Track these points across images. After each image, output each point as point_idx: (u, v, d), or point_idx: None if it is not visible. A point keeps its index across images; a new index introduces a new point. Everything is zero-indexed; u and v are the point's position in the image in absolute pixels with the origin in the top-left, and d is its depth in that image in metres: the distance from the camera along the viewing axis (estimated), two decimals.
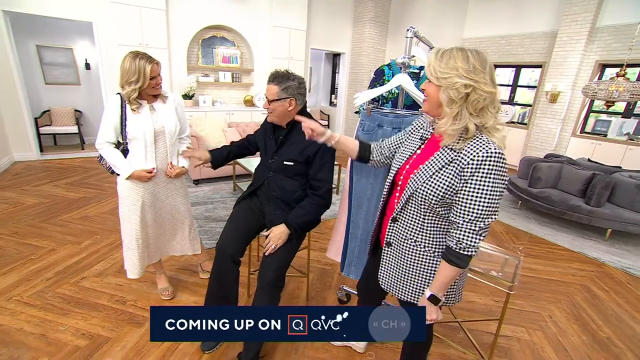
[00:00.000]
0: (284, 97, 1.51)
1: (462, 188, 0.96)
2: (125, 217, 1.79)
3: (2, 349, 1.61)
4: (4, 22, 4.23)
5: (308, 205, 1.58)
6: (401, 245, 1.13)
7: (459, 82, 0.91)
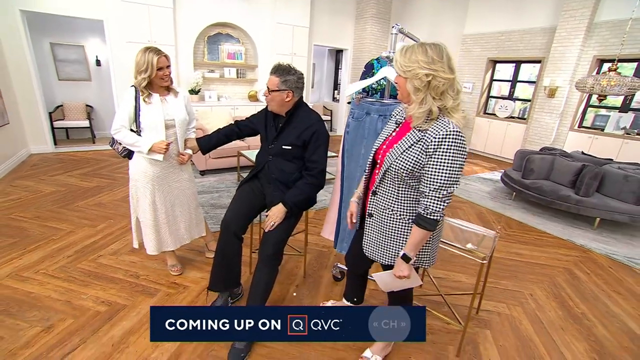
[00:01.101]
0: (283, 88, 1.68)
1: (427, 162, 1.13)
2: (136, 197, 1.99)
3: (34, 312, 1.83)
4: (21, 21, 4.45)
5: (302, 185, 1.75)
6: (381, 215, 1.30)
7: (421, 72, 1.08)
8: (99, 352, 1.60)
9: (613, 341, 1.94)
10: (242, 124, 1.98)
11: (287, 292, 2.16)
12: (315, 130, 1.73)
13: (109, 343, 1.66)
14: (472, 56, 6.87)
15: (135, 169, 1.93)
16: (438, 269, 2.56)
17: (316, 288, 2.23)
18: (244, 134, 1.98)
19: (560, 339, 1.92)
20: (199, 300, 2.01)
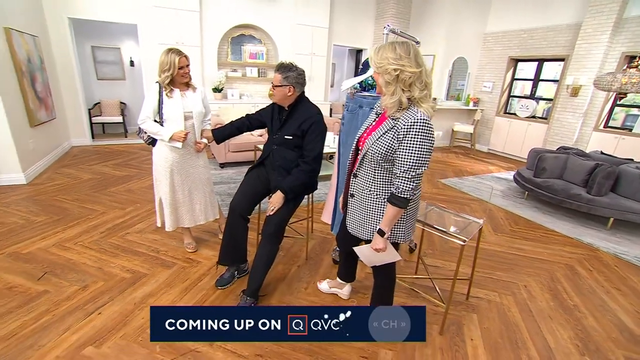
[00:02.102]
0: (284, 84, 1.87)
1: (399, 147, 1.28)
2: (158, 180, 2.26)
3: (73, 274, 2.15)
4: (68, 28, 4.96)
5: (297, 172, 1.94)
6: (360, 195, 1.46)
7: (389, 67, 1.23)
8: (123, 308, 1.88)
9: (601, 332, 1.98)
10: (252, 117, 2.19)
11: (290, 271, 2.36)
12: (314, 122, 1.91)
13: (131, 302, 1.93)
14: (492, 55, 6.78)
15: (157, 155, 2.20)
16: (437, 259, 2.66)
17: (316, 269, 2.41)
18: (253, 127, 2.19)
19: (547, 326, 1.99)
20: (210, 274, 2.25)
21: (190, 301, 1.98)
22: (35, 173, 3.95)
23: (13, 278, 2.09)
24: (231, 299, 2.02)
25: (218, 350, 1.62)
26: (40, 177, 3.92)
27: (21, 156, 3.66)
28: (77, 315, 1.81)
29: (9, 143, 3.52)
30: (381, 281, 1.72)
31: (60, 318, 1.78)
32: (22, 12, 4.11)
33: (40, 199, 3.31)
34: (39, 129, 4.21)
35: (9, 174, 3.61)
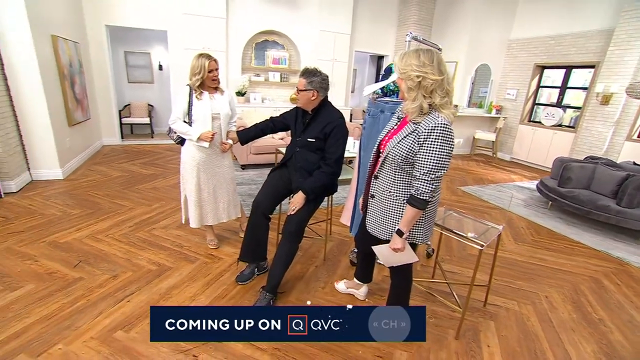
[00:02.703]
0: (309, 88, 1.95)
1: (419, 150, 1.31)
2: (185, 178, 2.38)
3: (105, 264, 2.29)
4: (105, 34, 5.28)
5: (319, 173, 2.00)
6: (381, 196, 1.50)
7: (412, 74, 1.28)
8: (150, 298, 1.98)
9: (629, 348, 1.91)
10: (276, 120, 2.28)
11: (307, 271, 2.41)
12: (336, 126, 1.97)
13: (157, 292, 2.04)
14: (517, 62, 6.66)
15: (185, 154, 2.32)
16: (455, 265, 2.65)
17: (333, 270, 2.45)
18: (277, 129, 2.27)
19: (568, 338, 1.94)
20: (231, 270, 2.34)
21: (212, 295, 2.06)
22: (70, 169, 4.21)
23: (53, 264, 2.24)
24: (251, 294, 2.09)
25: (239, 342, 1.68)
26: (75, 173, 4.17)
27: (60, 153, 3.91)
28: (108, 302, 1.93)
29: (51, 141, 3.78)
30: (398, 281, 1.74)
31: (94, 303, 1.91)
32: (67, 20, 4.43)
33: (75, 193, 3.53)
34: (76, 128, 4.48)
35: (49, 169, 3.86)
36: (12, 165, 3.44)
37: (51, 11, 3.95)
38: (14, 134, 3.52)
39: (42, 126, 3.71)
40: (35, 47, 3.50)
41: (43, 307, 1.85)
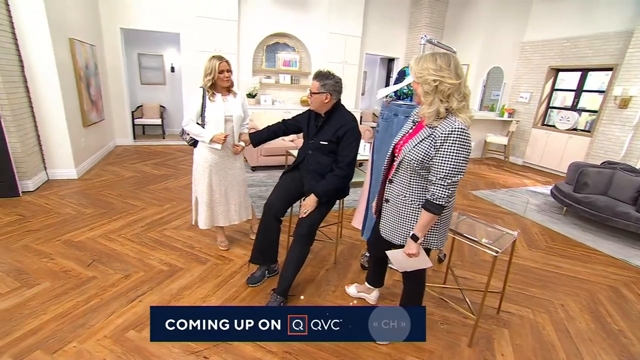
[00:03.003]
0: (322, 91, 1.94)
1: (435, 155, 1.29)
2: (197, 179, 2.40)
3: (117, 263, 2.32)
4: (119, 37, 5.38)
5: (331, 176, 1.99)
6: (395, 201, 1.48)
7: (429, 78, 1.26)
8: (161, 298, 2.00)
9: None
10: (288, 122, 2.28)
11: (318, 274, 2.40)
12: (349, 129, 1.96)
13: (168, 293, 2.05)
14: (531, 65, 6.55)
15: (198, 156, 2.34)
16: (467, 270, 2.60)
17: (344, 273, 2.43)
18: (289, 131, 2.28)
19: (586, 349, 1.88)
20: (241, 272, 2.34)
21: (223, 296, 2.07)
22: (85, 169, 4.29)
23: (67, 263, 2.28)
24: (261, 296, 2.09)
25: (248, 344, 1.68)
26: (89, 173, 4.25)
27: (75, 153, 3.99)
28: (120, 301, 1.95)
29: (66, 141, 3.86)
30: (411, 286, 1.72)
31: (107, 302, 1.93)
32: (84, 24, 4.53)
33: (89, 193, 3.59)
34: (90, 129, 4.57)
35: (64, 169, 3.94)
36: (30, 164, 3.52)
37: (69, 15, 4.05)
38: (32, 135, 3.61)
39: (59, 127, 3.79)
40: (54, 50, 3.59)
41: (58, 305, 1.88)
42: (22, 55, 3.45)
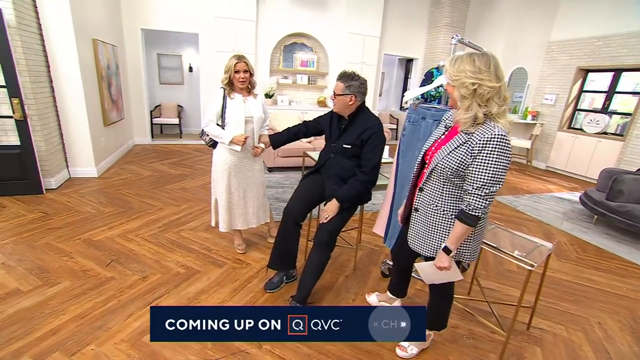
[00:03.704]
0: (346, 93, 1.87)
1: (472, 163, 1.20)
2: (216, 181, 2.36)
3: (135, 264, 2.31)
4: (140, 38, 5.46)
5: (354, 181, 1.91)
6: (426, 210, 1.39)
7: (467, 81, 1.17)
8: (178, 302, 1.97)
9: None
10: (309, 124, 2.21)
11: (337, 281, 2.33)
12: (374, 132, 1.88)
13: (185, 297, 2.02)
14: (557, 65, 6.28)
15: (217, 157, 2.31)
16: (492, 281, 2.48)
17: (364, 281, 2.35)
18: (310, 133, 2.21)
19: None
20: (259, 276, 2.29)
21: (241, 302, 2.02)
22: (104, 167, 4.35)
23: (87, 262, 2.29)
24: (279, 303, 2.03)
25: (267, 354, 1.62)
26: (108, 172, 4.30)
27: (95, 152, 4.05)
28: (138, 304, 1.92)
29: (87, 140, 3.92)
30: (438, 300, 1.62)
31: (124, 304, 1.91)
32: (106, 25, 4.61)
33: (108, 191, 3.63)
34: (110, 128, 4.63)
35: (85, 167, 4.00)
36: (53, 162, 3.59)
37: (93, 16, 4.12)
38: (55, 133, 3.67)
39: (81, 126, 3.85)
40: (78, 51, 3.65)
41: (77, 305, 1.87)
42: (48, 56, 3.52)
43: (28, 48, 3.21)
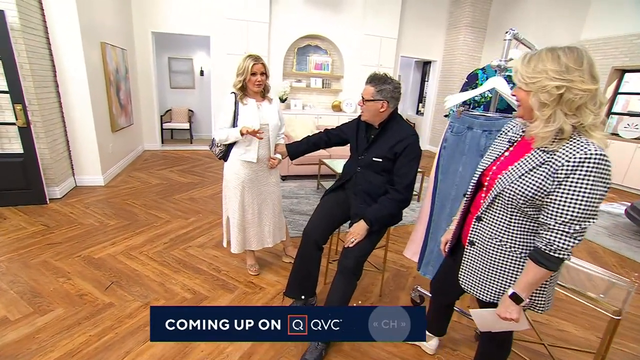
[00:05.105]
0: (378, 98, 1.61)
1: (555, 189, 0.92)
2: (227, 197, 2.12)
3: (137, 287, 2.08)
4: (151, 41, 5.32)
5: (386, 200, 1.64)
6: (485, 245, 1.11)
7: (550, 84, 0.89)
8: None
9: None
10: (332, 133, 1.96)
11: None
12: (409, 144, 1.61)
13: None
14: None
15: (228, 171, 2.07)
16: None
17: None
18: (332, 143, 1.96)
19: None
20: (274, 303, 2.04)
21: None
22: (111, 175, 4.18)
23: (84, 285, 2.07)
24: None
25: None
26: (115, 180, 4.13)
27: (102, 159, 3.88)
28: (137, 338, 1.69)
29: (94, 147, 3.75)
30: (492, 349, 1.34)
31: (122, 338, 1.68)
32: (116, 28, 4.47)
33: (114, 201, 3.44)
34: (118, 134, 4.48)
35: (91, 175, 3.84)
36: (58, 171, 3.43)
37: (101, 19, 3.97)
38: (61, 140, 3.52)
39: (87, 132, 3.69)
40: (85, 54, 3.49)
41: (69, 340, 1.65)
42: (54, 60, 3.37)
43: (33, 52, 3.06)
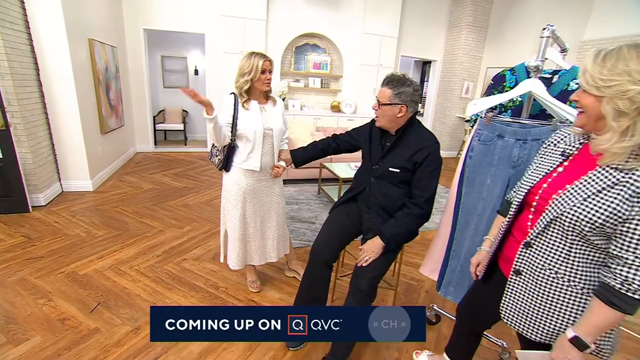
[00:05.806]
0: (395, 102, 1.44)
1: (634, 216, 0.76)
2: (227, 209, 1.93)
3: (127, 309, 1.88)
4: (143, 38, 5.09)
5: (403, 215, 1.48)
6: (536, 276, 0.95)
7: (634, 89, 0.73)
8: None
9: None
10: (341, 139, 1.79)
11: None
12: (430, 153, 1.45)
13: (188, 358, 1.59)
14: None
15: (228, 181, 1.87)
16: None
17: None
18: (341, 150, 1.79)
19: None
20: None
21: None
22: (101, 180, 3.96)
23: (67, 307, 1.87)
24: None
25: None
26: (105, 185, 3.91)
27: (90, 163, 3.65)
28: None
29: (82, 150, 3.53)
30: None
31: None
32: (105, 24, 4.23)
33: (103, 209, 3.22)
34: (108, 136, 4.25)
35: (79, 180, 3.61)
36: (42, 176, 3.19)
37: (89, 14, 3.74)
38: (45, 143, 3.29)
39: (74, 135, 3.46)
40: (70, 51, 3.26)
41: None
42: (37, 57, 3.14)
43: (12, 48, 2.83)
